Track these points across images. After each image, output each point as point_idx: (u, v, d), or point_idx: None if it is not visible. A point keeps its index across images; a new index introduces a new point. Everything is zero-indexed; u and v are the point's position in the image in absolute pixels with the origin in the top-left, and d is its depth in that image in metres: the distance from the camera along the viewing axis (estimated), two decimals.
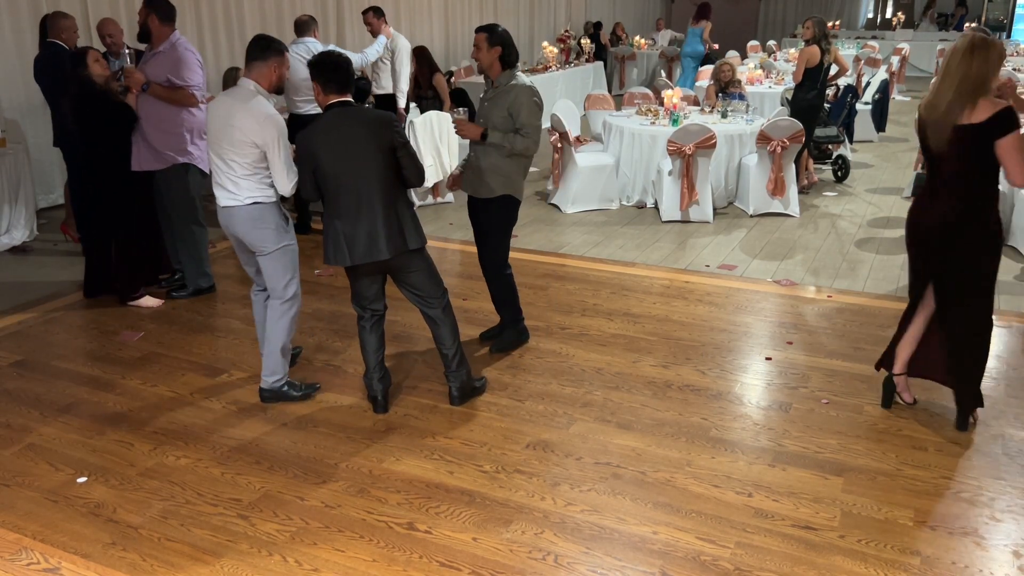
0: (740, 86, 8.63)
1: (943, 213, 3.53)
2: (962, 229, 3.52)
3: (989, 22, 19.61)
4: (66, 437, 3.83)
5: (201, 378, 4.41)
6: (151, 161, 5.17)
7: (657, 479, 3.45)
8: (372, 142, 3.59)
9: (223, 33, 9.54)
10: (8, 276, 6.01)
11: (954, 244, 3.55)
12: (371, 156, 3.59)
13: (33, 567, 2.97)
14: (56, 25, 6.07)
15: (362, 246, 3.66)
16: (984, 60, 3.36)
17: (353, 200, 3.62)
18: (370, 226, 3.64)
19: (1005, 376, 4.33)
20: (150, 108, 5.07)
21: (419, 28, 12.88)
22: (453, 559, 2.98)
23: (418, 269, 3.84)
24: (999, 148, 3.36)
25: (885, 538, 3.07)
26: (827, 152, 8.45)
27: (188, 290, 5.51)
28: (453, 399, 4.08)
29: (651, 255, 6.35)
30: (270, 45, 3.86)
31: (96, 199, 5.23)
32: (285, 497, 3.36)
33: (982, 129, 3.36)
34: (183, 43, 5.13)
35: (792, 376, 4.36)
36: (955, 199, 3.51)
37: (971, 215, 3.50)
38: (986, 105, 3.36)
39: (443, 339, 3.98)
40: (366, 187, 3.61)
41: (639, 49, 15.70)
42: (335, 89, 3.62)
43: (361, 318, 3.95)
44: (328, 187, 3.66)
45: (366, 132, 3.59)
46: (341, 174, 3.60)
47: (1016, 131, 3.34)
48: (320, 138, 3.60)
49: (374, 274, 3.83)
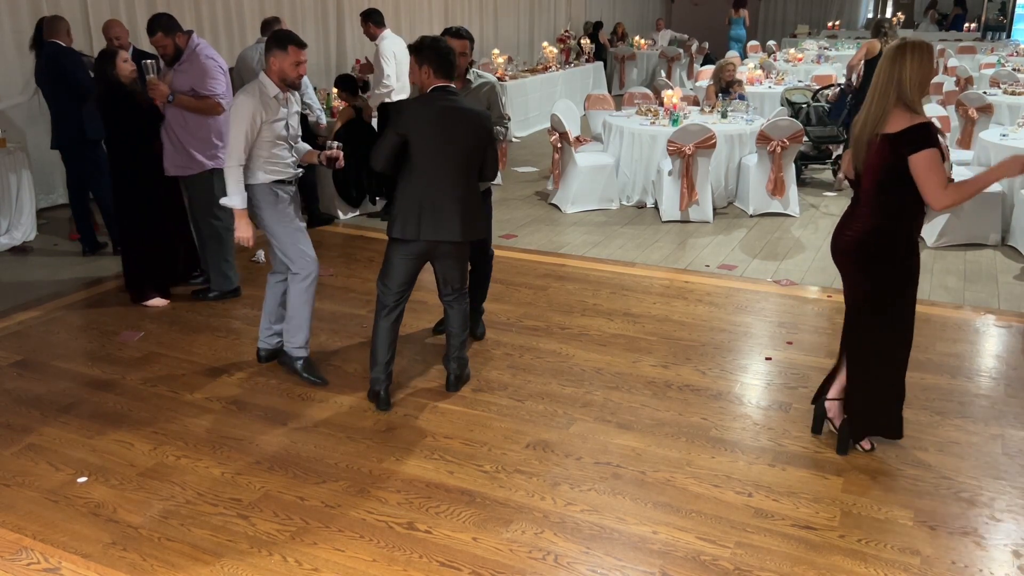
0: (741, 87, 8.62)
1: (859, 228, 3.33)
2: (871, 247, 3.31)
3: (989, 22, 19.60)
4: (66, 437, 3.83)
5: (201, 378, 4.41)
6: (182, 167, 5.18)
7: (657, 479, 3.45)
8: (471, 132, 3.81)
9: (223, 32, 9.54)
10: (8, 276, 6.01)
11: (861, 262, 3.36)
12: (466, 144, 3.79)
13: (33, 567, 2.97)
14: (53, 27, 6.07)
15: (432, 224, 3.82)
16: (912, 64, 3.14)
17: (438, 180, 3.79)
18: (448, 207, 3.81)
19: (1005, 376, 4.33)
20: (178, 115, 5.07)
21: (419, 28, 12.88)
22: (453, 559, 2.98)
23: (460, 257, 4.02)
24: (911, 165, 3.12)
25: (885, 538, 3.07)
26: (827, 152, 8.45)
27: (213, 292, 5.51)
28: (450, 384, 4.22)
29: (651, 255, 6.35)
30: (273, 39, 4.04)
31: (121, 200, 5.22)
32: (285, 497, 3.36)
33: (893, 142, 3.15)
34: (203, 50, 5.13)
35: (792, 376, 4.36)
36: (871, 215, 3.30)
37: (885, 233, 3.29)
38: (903, 117, 3.15)
39: (455, 323, 4.15)
40: (453, 171, 3.80)
41: (639, 49, 15.70)
42: (442, 74, 3.80)
43: (383, 306, 3.99)
44: (418, 161, 3.78)
45: (468, 121, 3.81)
46: (433, 152, 3.76)
47: (929, 149, 3.10)
48: (430, 113, 3.76)
49: (422, 255, 3.94)
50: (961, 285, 5.56)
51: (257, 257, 6.25)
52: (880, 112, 3.19)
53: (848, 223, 3.41)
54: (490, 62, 11.86)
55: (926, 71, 3.17)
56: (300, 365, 4.31)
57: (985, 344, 4.73)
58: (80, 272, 6.07)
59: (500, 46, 13.67)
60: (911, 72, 3.15)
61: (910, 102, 3.16)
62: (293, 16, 10.48)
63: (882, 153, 3.20)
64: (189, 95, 5.03)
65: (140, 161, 5.10)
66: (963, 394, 4.13)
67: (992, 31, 19.06)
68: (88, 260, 6.34)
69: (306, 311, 4.26)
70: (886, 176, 3.22)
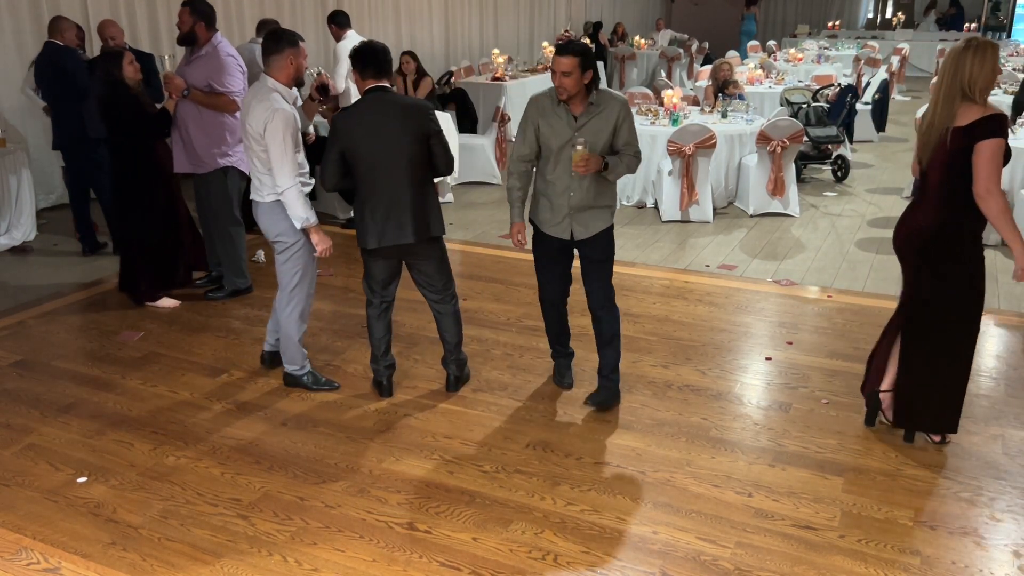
0: (739, 86, 8.60)
1: (922, 223, 3.36)
2: (938, 242, 3.32)
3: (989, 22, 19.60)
4: (66, 437, 3.83)
5: (201, 378, 4.41)
6: (193, 164, 5.18)
7: (657, 479, 3.45)
8: (406, 128, 3.67)
9: (223, 32, 9.53)
10: (8, 276, 6.01)
11: (928, 257, 3.37)
12: (403, 142, 3.67)
13: (33, 567, 2.97)
14: (53, 26, 6.08)
15: (389, 229, 3.75)
16: (974, 63, 3.16)
17: (383, 184, 3.71)
18: (398, 210, 3.73)
19: (1005, 376, 4.33)
20: (192, 111, 5.06)
21: (419, 28, 12.88)
22: (453, 559, 2.98)
23: (433, 258, 3.94)
24: (975, 152, 3.14)
25: (885, 538, 3.07)
26: (827, 152, 8.45)
27: (225, 291, 5.50)
28: (450, 384, 4.21)
29: (651, 255, 6.35)
30: (282, 37, 3.94)
31: (122, 201, 5.22)
32: (285, 497, 3.36)
33: (965, 132, 3.17)
34: (224, 47, 5.11)
35: (792, 376, 4.36)
36: (936, 210, 3.31)
37: (950, 228, 3.30)
38: (975, 109, 3.17)
39: (447, 328, 4.11)
40: (396, 172, 3.69)
41: (639, 49, 15.70)
42: (372, 74, 3.71)
43: (370, 303, 4.03)
44: (360, 170, 3.73)
45: (400, 118, 3.67)
46: (373, 157, 3.68)
47: (997, 139, 3.13)
48: (355, 120, 3.68)
49: (392, 259, 3.91)
50: None
51: (257, 257, 6.25)
52: (947, 113, 3.22)
53: (911, 216, 3.44)
54: (490, 62, 11.86)
55: (990, 70, 3.18)
56: (307, 381, 4.25)
57: (985, 344, 4.73)
58: (80, 272, 6.07)
59: (500, 46, 13.67)
60: (975, 72, 3.17)
61: (977, 95, 3.18)
62: (293, 16, 10.48)
63: (953, 145, 3.20)
64: (204, 90, 5.02)
65: (141, 163, 5.09)
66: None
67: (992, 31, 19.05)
68: (88, 260, 6.35)
69: (297, 333, 4.14)
70: (955, 168, 3.23)
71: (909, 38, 18.44)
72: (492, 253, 6.43)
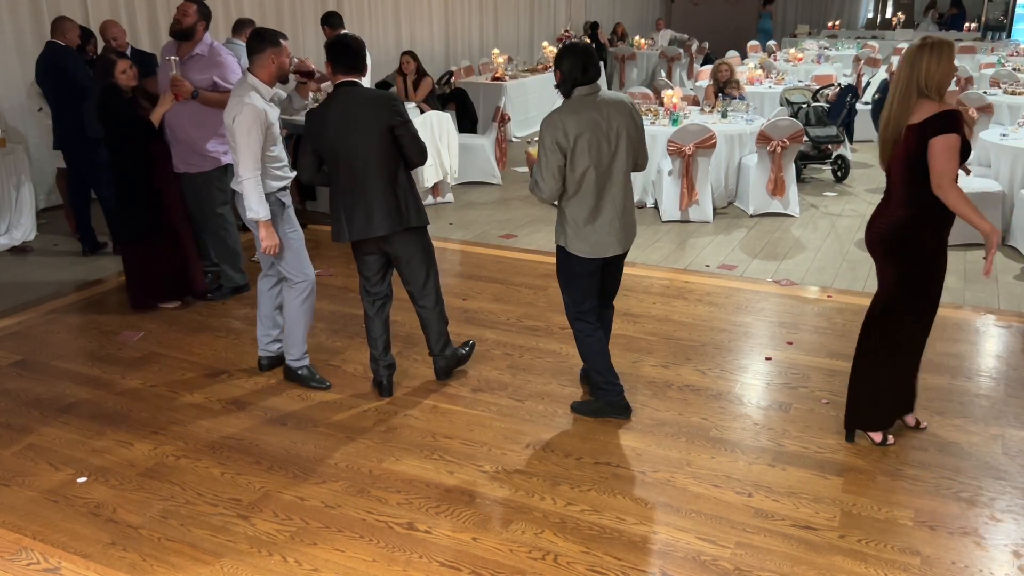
0: (739, 87, 8.59)
1: (888, 220, 3.36)
2: (902, 239, 3.33)
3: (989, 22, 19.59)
4: (66, 437, 3.83)
5: (201, 378, 4.41)
6: (195, 163, 5.17)
7: (657, 479, 3.45)
8: (370, 121, 3.69)
9: (223, 32, 9.54)
10: (8, 276, 6.01)
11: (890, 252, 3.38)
12: (371, 134, 3.70)
13: (33, 567, 2.97)
14: (54, 27, 6.08)
15: (359, 222, 3.78)
16: (931, 61, 3.16)
17: (354, 177, 3.74)
18: (368, 203, 3.75)
19: (1005, 376, 4.33)
20: (193, 110, 5.05)
21: (419, 28, 12.88)
22: (453, 559, 2.98)
23: (412, 250, 3.94)
24: (929, 147, 3.14)
25: (885, 538, 3.07)
26: (827, 152, 8.44)
27: (224, 290, 5.50)
28: (439, 373, 4.30)
29: (651, 255, 6.35)
30: (264, 37, 3.99)
31: (122, 203, 5.21)
32: (285, 497, 3.36)
33: (919, 129, 3.16)
34: (218, 46, 5.16)
35: (792, 376, 4.36)
36: (900, 206, 3.32)
37: (914, 225, 3.30)
38: (929, 106, 3.17)
39: (429, 327, 4.18)
40: (366, 165, 3.72)
41: (639, 49, 15.70)
42: (342, 69, 3.75)
43: (363, 300, 4.06)
44: (331, 164, 3.77)
45: (368, 110, 3.69)
46: (343, 151, 3.71)
47: (951, 134, 3.12)
48: (325, 115, 3.71)
49: (374, 253, 3.93)
50: (961, 285, 5.56)
51: (257, 257, 6.24)
52: (903, 111, 3.23)
53: (879, 215, 3.44)
54: (490, 62, 11.86)
55: (945, 70, 3.18)
56: (303, 374, 4.29)
57: (985, 344, 4.73)
58: (80, 272, 6.07)
59: (500, 46, 13.67)
60: (931, 69, 3.17)
61: (933, 93, 3.18)
62: (293, 16, 10.49)
63: (908, 143, 3.22)
64: (210, 90, 5.02)
65: (140, 166, 5.08)
66: (963, 394, 4.13)
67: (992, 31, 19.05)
68: (88, 260, 6.35)
69: (303, 323, 4.21)
70: (914, 165, 3.23)
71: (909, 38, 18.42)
72: (492, 253, 6.43)
